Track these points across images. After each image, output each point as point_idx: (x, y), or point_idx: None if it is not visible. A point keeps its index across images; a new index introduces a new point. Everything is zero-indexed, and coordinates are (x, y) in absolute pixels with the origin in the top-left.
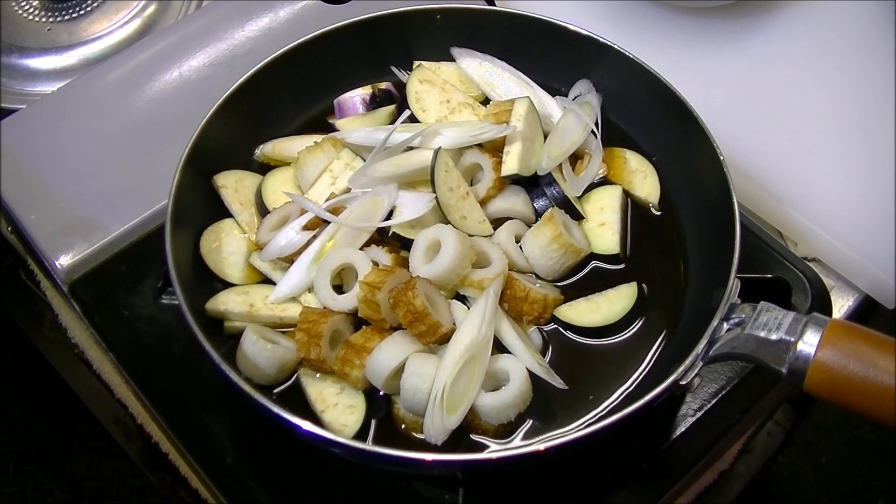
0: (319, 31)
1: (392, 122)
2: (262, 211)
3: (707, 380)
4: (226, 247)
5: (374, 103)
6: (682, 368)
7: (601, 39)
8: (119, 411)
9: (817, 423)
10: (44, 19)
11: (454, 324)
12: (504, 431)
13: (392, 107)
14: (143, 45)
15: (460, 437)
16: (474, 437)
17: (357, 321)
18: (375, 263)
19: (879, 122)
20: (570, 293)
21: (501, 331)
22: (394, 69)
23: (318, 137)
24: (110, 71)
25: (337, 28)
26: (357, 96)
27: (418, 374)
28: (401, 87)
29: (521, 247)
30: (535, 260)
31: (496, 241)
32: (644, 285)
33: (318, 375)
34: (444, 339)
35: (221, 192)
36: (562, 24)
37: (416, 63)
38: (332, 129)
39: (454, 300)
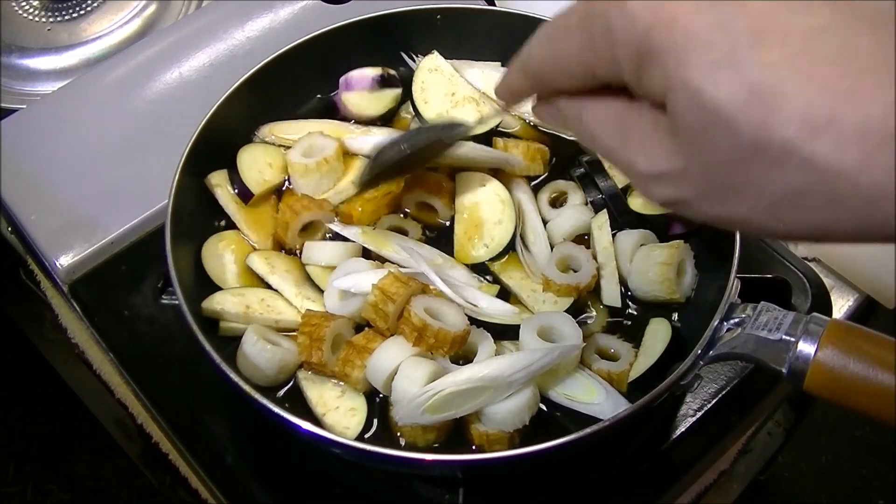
0: (320, 31)
1: (397, 106)
2: (240, 187)
3: (707, 380)
4: (224, 249)
5: (382, 83)
6: (682, 368)
7: None
8: (119, 411)
9: (817, 423)
10: (44, 19)
11: (467, 325)
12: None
13: (399, 90)
14: (143, 45)
15: (461, 437)
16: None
17: (359, 325)
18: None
19: None
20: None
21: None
22: (403, 55)
23: (316, 124)
24: (110, 71)
25: (337, 28)
26: (368, 72)
27: (409, 378)
28: (406, 80)
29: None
30: (632, 272)
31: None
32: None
33: (319, 378)
34: (462, 342)
35: (216, 192)
36: None
37: (432, 52)
38: (336, 111)
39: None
